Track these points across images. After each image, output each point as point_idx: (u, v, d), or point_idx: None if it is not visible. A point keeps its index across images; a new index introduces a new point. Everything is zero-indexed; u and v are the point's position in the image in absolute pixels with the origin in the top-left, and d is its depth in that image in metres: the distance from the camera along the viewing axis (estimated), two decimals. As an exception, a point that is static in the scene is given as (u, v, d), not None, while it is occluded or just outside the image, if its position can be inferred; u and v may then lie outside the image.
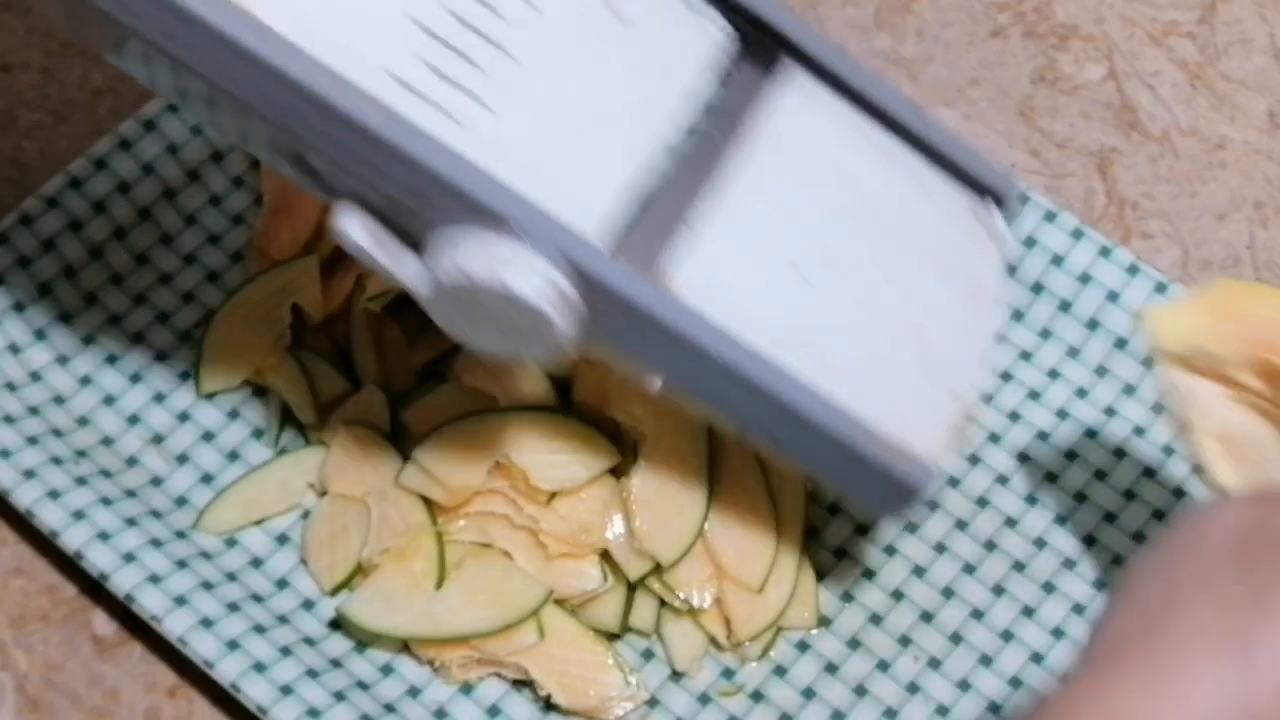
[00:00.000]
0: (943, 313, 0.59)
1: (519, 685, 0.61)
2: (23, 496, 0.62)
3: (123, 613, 0.63)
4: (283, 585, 0.63)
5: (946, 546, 0.64)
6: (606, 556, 0.62)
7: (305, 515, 0.64)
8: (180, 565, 0.61)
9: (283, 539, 0.64)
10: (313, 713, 0.58)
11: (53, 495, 0.62)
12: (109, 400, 0.66)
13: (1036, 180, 0.74)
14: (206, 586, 0.61)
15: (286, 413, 0.66)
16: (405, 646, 0.61)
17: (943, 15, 0.79)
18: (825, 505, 0.65)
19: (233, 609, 0.60)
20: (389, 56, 0.51)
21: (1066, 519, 0.65)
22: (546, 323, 0.51)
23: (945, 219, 0.61)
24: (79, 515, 0.61)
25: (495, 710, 0.61)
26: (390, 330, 0.67)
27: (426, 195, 0.51)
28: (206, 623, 0.59)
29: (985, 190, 0.61)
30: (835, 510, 0.65)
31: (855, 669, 0.62)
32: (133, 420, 0.66)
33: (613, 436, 0.62)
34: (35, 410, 0.65)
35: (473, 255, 0.51)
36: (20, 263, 0.67)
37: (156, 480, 0.65)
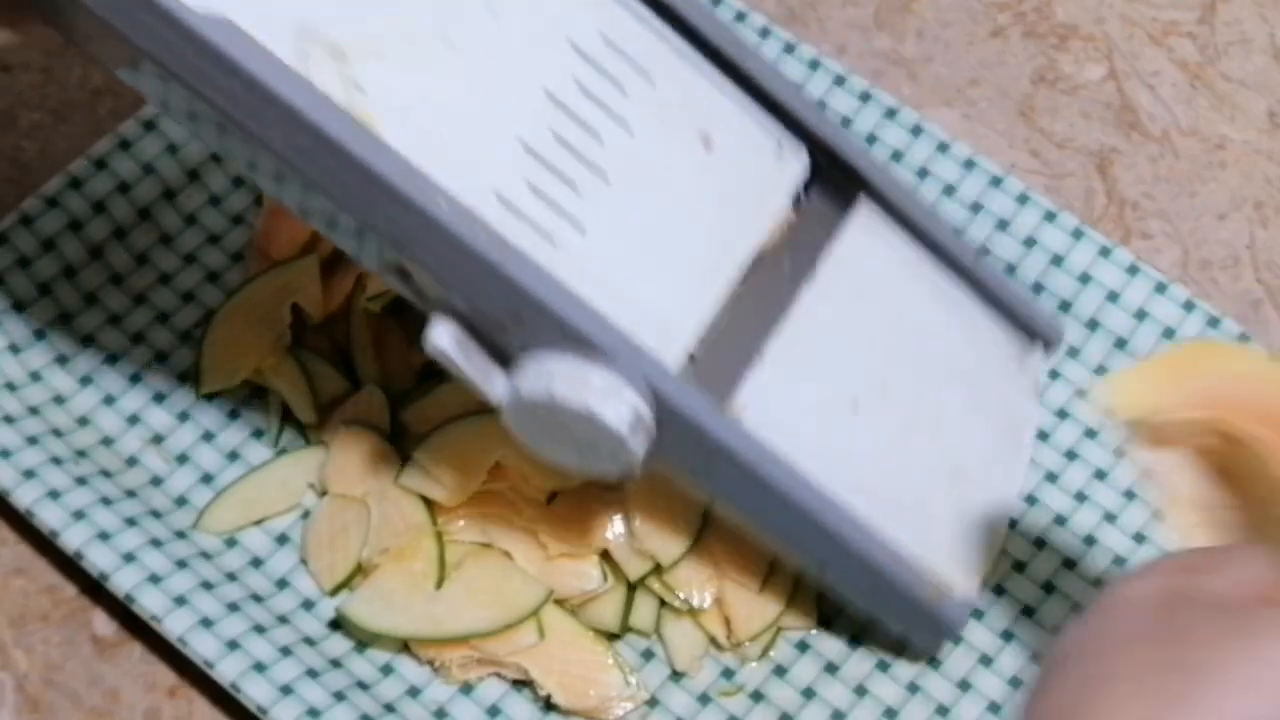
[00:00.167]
0: (981, 450, 0.62)
1: (519, 685, 0.61)
2: (23, 496, 0.62)
3: (123, 613, 0.63)
4: (283, 585, 0.63)
5: (946, 547, 0.65)
6: (606, 556, 0.62)
7: (305, 515, 0.64)
8: (180, 565, 0.61)
9: (283, 539, 0.64)
10: (313, 713, 0.58)
11: (53, 495, 0.62)
12: (109, 400, 0.66)
13: (1036, 180, 0.74)
14: (206, 586, 0.61)
15: (286, 413, 0.66)
16: (405, 646, 0.61)
17: (943, 15, 0.79)
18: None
19: (233, 609, 0.60)
20: (497, 177, 0.52)
21: (1066, 519, 0.65)
22: (624, 446, 0.53)
23: (991, 361, 0.63)
24: (79, 515, 0.61)
25: (495, 710, 0.61)
26: (390, 330, 0.67)
27: (521, 315, 0.52)
28: (206, 623, 0.59)
29: (1035, 335, 0.65)
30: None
31: (855, 669, 0.62)
32: (133, 420, 0.66)
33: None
34: (35, 410, 0.65)
35: (562, 379, 0.52)
36: (20, 263, 0.67)
37: (156, 480, 0.65)
